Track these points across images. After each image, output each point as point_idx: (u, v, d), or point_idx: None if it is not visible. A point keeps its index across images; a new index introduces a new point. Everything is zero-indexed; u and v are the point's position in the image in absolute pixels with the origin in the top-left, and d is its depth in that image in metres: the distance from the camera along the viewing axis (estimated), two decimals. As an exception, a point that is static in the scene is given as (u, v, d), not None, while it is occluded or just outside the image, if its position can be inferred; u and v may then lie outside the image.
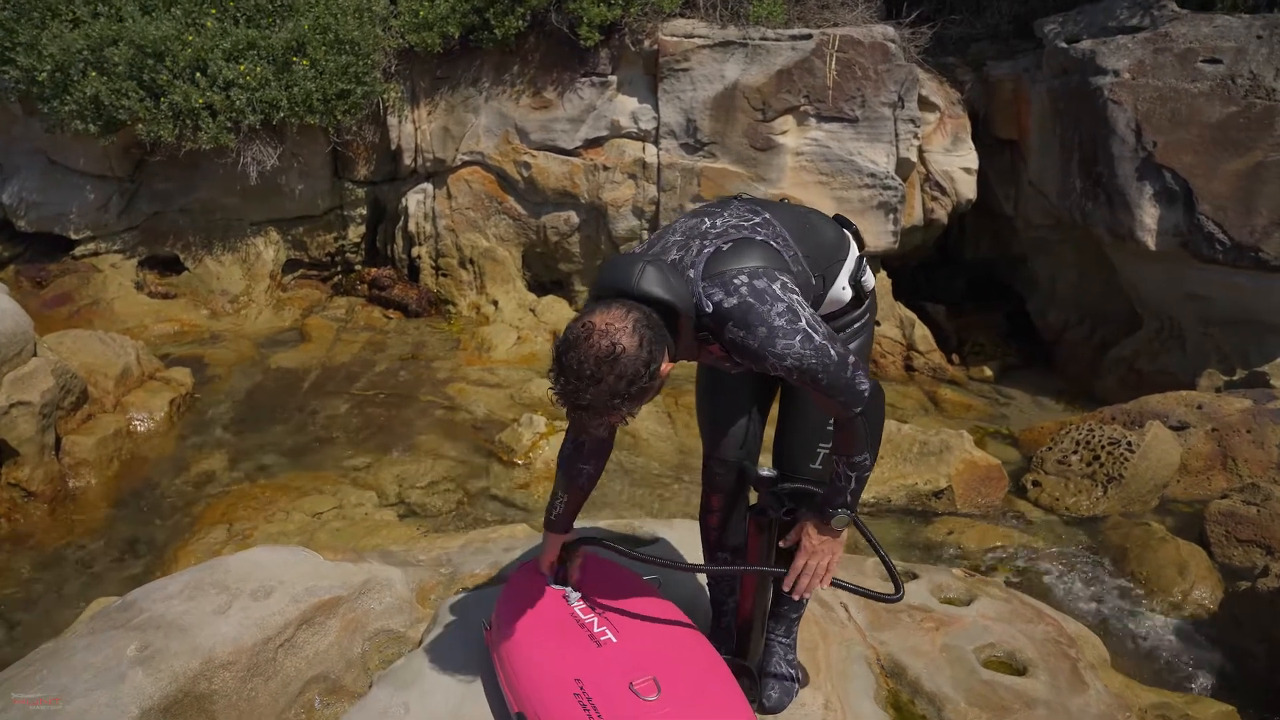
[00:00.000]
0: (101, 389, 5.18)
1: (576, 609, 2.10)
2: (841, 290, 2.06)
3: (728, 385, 2.19)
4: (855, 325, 2.12)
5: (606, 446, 2.16)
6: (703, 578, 2.54)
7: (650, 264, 1.77)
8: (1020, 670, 2.47)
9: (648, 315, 1.70)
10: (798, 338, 1.75)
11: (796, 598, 1.99)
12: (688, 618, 2.15)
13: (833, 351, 1.77)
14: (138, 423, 5.19)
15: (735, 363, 1.90)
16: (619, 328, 1.66)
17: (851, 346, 2.07)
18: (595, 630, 2.01)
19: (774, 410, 2.25)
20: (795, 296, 1.79)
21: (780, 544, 2.04)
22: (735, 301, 1.76)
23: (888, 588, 2.05)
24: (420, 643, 2.35)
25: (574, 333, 1.68)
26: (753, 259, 1.82)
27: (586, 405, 1.67)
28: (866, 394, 1.83)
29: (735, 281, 1.78)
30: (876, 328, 2.26)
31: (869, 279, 2.11)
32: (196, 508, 4.55)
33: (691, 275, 1.81)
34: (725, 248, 1.83)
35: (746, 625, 2.12)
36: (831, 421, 2.02)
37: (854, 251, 2.10)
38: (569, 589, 2.16)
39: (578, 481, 2.14)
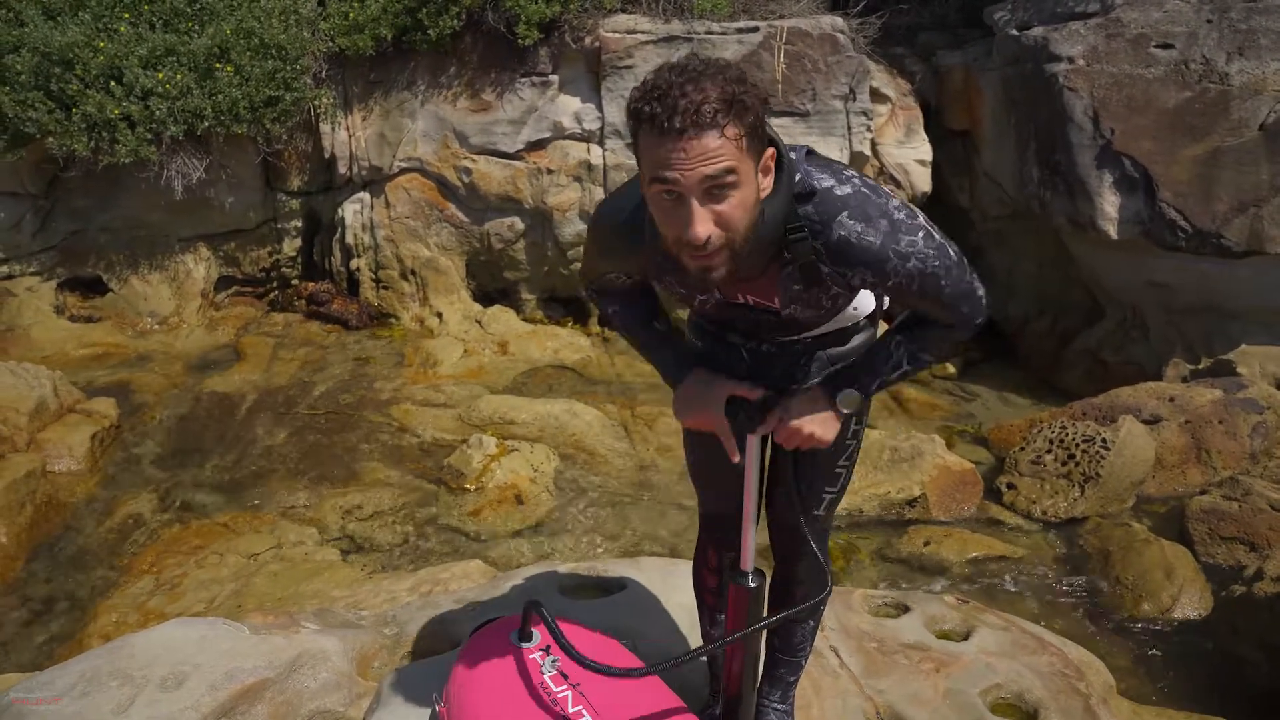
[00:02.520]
0: (12, 426, 4.77)
1: (547, 679, 1.83)
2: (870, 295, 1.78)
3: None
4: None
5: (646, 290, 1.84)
6: (695, 627, 2.27)
7: None
8: (1031, 714, 2.26)
9: None
10: (920, 234, 1.49)
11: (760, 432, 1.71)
12: (667, 686, 1.90)
13: (951, 251, 1.53)
14: (55, 462, 4.78)
15: (800, 295, 1.59)
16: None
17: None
18: (570, 711, 1.74)
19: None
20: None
21: (757, 431, 1.74)
22: (849, 190, 1.49)
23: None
24: (362, 724, 2.07)
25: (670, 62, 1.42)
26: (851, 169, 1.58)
27: (694, 90, 1.32)
28: (985, 303, 1.60)
29: (846, 173, 1.52)
30: None
31: None
32: (121, 556, 4.18)
33: (793, 156, 1.51)
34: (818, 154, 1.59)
35: (735, 695, 1.87)
36: (842, 460, 1.79)
37: None
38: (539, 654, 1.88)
39: (654, 319, 1.83)
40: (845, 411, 1.67)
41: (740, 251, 1.44)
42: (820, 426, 1.68)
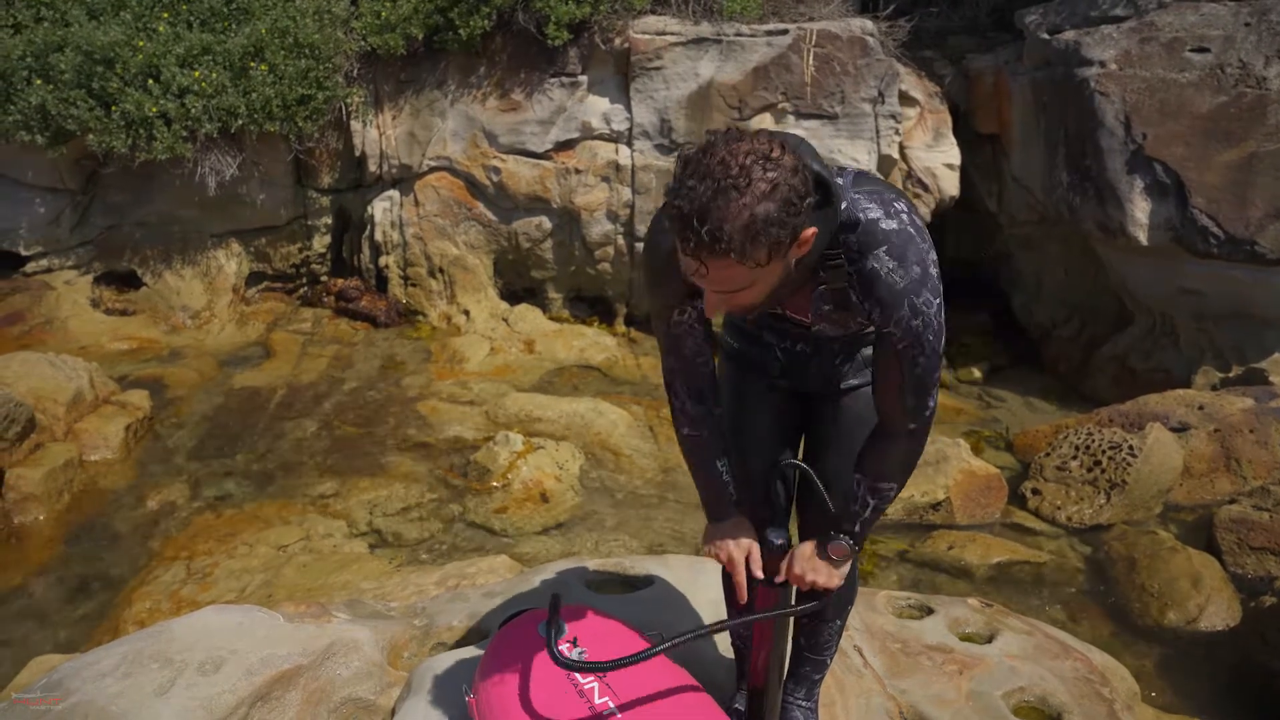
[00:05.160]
0: (51, 416, 4.87)
1: (574, 673, 1.86)
2: None
3: (757, 429, 1.94)
4: None
5: (710, 384, 1.82)
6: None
7: (805, 142, 1.45)
8: (1055, 717, 2.27)
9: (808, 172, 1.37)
10: (937, 301, 1.51)
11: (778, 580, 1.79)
12: (693, 677, 1.93)
13: (941, 343, 1.55)
14: (91, 452, 4.88)
15: (830, 316, 1.61)
16: (780, 145, 1.35)
17: None
18: (596, 702, 1.78)
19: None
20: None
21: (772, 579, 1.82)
22: (896, 226, 1.48)
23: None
24: (393, 713, 2.10)
25: (714, 137, 1.35)
26: (904, 197, 1.56)
27: (716, 218, 1.29)
28: (930, 414, 1.63)
29: (896, 206, 1.51)
30: None
31: None
32: (154, 542, 4.27)
33: (840, 182, 1.49)
34: (871, 174, 1.59)
35: (760, 688, 1.89)
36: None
37: None
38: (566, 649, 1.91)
39: (719, 459, 1.84)
40: (835, 559, 1.77)
41: (764, 304, 1.50)
42: (823, 576, 1.77)
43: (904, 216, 1.51)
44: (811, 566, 1.76)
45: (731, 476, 1.86)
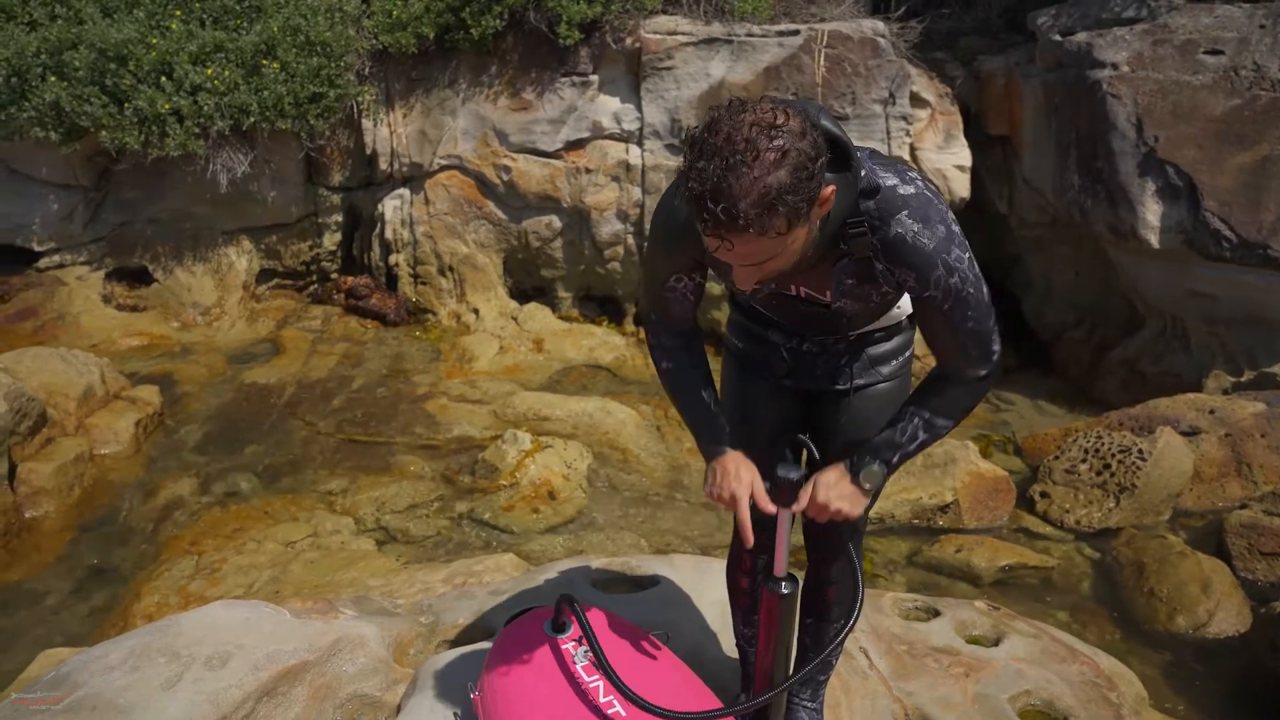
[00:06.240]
0: (62, 411, 4.91)
1: (579, 669, 1.86)
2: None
3: (762, 429, 1.92)
4: (907, 354, 1.89)
5: (696, 336, 1.85)
6: (727, 624, 2.29)
7: (822, 108, 1.45)
8: (1060, 721, 2.26)
9: (818, 133, 1.36)
10: (968, 255, 1.51)
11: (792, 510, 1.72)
12: (698, 678, 1.93)
13: (984, 291, 1.55)
14: (101, 446, 4.92)
15: (852, 291, 1.61)
16: (784, 110, 1.33)
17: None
18: (601, 701, 1.78)
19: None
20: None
21: (790, 508, 1.74)
22: (913, 191, 1.50)
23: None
24: (399, 709, 2.11)
25: (720, 109, 1.34)
26: (914, 169, 1.58)
27: (729, 196, 1.28)
28: (997, 357, 1.61)
29: (910, 174, 1.53)
30: None
31: None
32: (163, 536, 4.30)
33: (860, 155, 1.51)
34: (883, 154, 1.60)
35: (766, 689, 1.89)
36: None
37: None
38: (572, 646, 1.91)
39: (703, 389, 1.82)
40: (868, 487, 1.71)
41: (790, 271, 1.49)
42: (847, 503, 1.70)
43: (919, 183, 1.53)
44: (837, 493, 1.69)
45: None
